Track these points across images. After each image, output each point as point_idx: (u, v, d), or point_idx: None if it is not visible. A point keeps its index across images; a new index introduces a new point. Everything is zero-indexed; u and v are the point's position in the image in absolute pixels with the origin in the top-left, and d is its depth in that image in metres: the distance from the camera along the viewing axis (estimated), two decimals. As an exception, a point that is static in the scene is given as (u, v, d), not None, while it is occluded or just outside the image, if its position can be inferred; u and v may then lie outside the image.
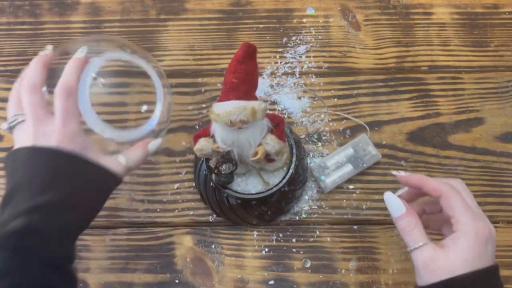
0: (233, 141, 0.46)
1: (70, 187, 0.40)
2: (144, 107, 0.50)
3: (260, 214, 0.56)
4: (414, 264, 0.40)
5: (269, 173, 0.52)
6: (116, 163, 0.44)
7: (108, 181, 0.43)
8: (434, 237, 0.44)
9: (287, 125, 0.54)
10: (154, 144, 0.48)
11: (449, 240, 0.39)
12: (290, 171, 0.51)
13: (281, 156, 0.48)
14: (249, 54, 0.43)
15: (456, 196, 0.40)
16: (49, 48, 0.47)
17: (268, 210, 0.56)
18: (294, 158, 0.51)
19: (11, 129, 0.43)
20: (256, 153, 0.47)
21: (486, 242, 0.38)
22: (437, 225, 0.46)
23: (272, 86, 0.64)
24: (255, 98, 0.46)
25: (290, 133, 0.53)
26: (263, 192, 0.50)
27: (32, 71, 0.44)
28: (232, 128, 0.45)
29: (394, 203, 0.42)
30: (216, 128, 0.46)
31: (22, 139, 0.42)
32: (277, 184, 0.51)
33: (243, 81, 0.44)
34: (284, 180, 0.50)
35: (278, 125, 0.47)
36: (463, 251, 0.38)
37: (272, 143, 0.46)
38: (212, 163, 0.51)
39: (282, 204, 0.56)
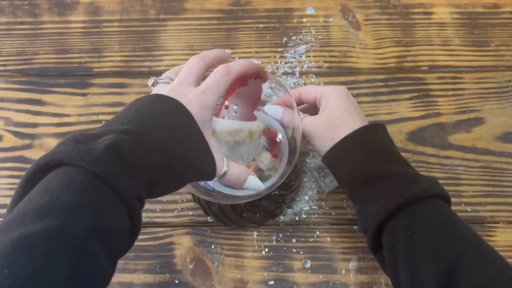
0: (226, 155, 0.46)
1: (170, 136, 0.35)
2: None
3: (249, 217, 0.56)
4: (306, 136, 0.50)
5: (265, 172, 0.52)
6: (221, 160, 0.39)
7: (205, 167, 0.38)
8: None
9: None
10: (253, 180, 0.42)
11: (321, 106, 0.50)
12: (274, 179, 0.49)
13: (274, 172, 0.49)
14: (252, 75, 0.44)
15: (311, 86, 0.53)
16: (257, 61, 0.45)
17: (257, 213, 0.56)
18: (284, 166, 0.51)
19: (154, 84, 0.42)
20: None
21: (345, 95, 0.50)
22: None
23: (271, 88, 0.64)
24: (254, 118, 0.46)
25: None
26: (246, 195, 0.50)
27: (238, 63, 0.41)
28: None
29: (274, 111, 0.48)
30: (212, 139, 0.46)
31: (158, 92, 0.39)
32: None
33: (244, 103, 0.45)
34: (267, 185, 0.49)
35: (275, 143, 0.48)
36: (333, 106, 0.49)
37: (265, 162, 0.46)
38: None
39: (272, 208, 0.56)
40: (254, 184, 0.42)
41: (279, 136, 0.49)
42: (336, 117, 0.49)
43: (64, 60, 0.67)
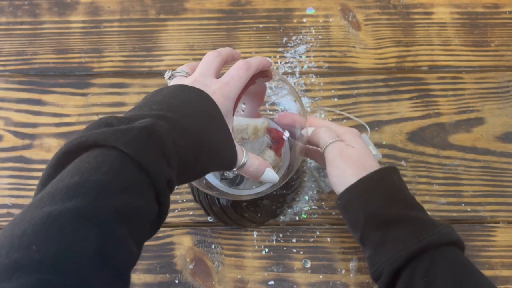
0: None
1: (198, 123, 0.36)
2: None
3: (250, 217, 0.56)
4: (329, 160, 0.48)
5: None
6: (240, 150, 0.40)
7: (228, 155, 0.38)
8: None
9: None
10: (270, 172, 0.42)
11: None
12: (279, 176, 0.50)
13: (277, 170, 0.49)
14: (264, 73, 0.44)
15: (324, 120, 0.53)
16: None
17: (259, 213, 0.56)
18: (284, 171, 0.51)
19: (171, 77, 0.42)
20: None
21: (360, 135, 0.51)
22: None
23: (271, 88, 0.64)
24: (259, 115, 0.46)
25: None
26: (248, 194, 0.50)
27: (256, 59, 0.42)
28: None
29: (272, 177, 0.46)
30: None
31: (178, 83, 0.39)
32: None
33: (249, 100, 0.45)
34: (267, 186, 0.50)
35: (279, 142, 0.48)
36: (354, 142, 0.49)
37: (269, 160, 0.47)
38: None
39: (273, 208, 0.56)
40: (270, 176, 0.42)
41: (286, 134, 0.49)
42: (364, 154, 0.48)
43: (64, 60, 0.67)
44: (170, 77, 0.42)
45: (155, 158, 0.31)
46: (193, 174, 0.37)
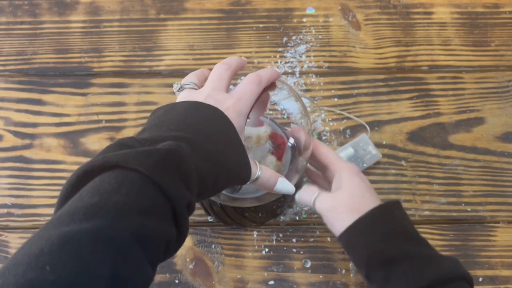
0: None
1: (216, 144, 0.36)
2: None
3: (251, 217, 0.56)
4: (321, 214, 0.47)
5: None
6: (254, 164, 0.40)
7: (244, 171, 0.39)
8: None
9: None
10: (283, 183, 0.42)
11: (335, 183, 0.48)
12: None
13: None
14: (273, 84, 0.44)
15: (328, 150, 0.50)
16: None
17: (259, 212, 0.56)
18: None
19: (180, 89, 0.42)
20: None
21: (358, 173, 0.48)
22: (325, 184, 0.52)
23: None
24: (261, 123, 0.46)
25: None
26: (249, 198, 0.50)
27: (266, 72, 0.42)
28: None
29: (286, 187, 0.44)
30: None
31: (189, 98, 0.39)
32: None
33: (254, 109, 0.45)
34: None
35: (280, 147, 0.48)
36: (349, 184, 0.47)
37: (271, 166, 0.47)
38: None
39: (273, 207, 0.56)
40: (285, 187, 0.42)
41: (291, 141, 0.49)
42: (356, 196, 0.47)
43: (64, 60, 0.67)
44: (179, 89, 0.42)
45: (176, 182, 0.31)
46: (212, 192, 0.38)
